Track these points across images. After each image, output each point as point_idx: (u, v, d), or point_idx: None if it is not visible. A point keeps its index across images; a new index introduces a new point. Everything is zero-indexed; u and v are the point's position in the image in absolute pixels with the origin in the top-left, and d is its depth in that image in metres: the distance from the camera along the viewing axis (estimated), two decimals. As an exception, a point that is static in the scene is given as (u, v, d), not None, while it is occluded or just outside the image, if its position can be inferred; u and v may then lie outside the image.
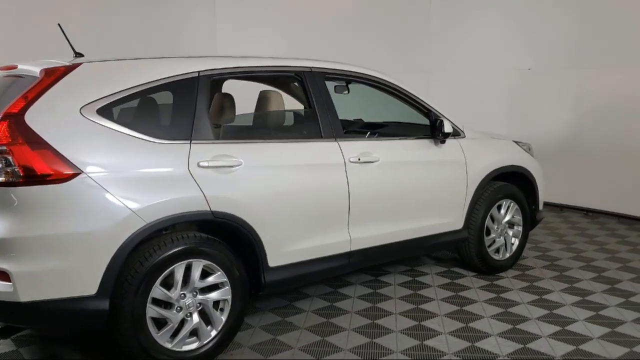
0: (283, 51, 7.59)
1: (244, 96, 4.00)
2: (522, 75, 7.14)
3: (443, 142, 4.09)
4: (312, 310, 3.88)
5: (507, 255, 4.66)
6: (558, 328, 3.58)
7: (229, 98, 3.97)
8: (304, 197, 3.40)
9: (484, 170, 4.37)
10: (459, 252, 4.61)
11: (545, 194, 7.09)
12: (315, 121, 3.57)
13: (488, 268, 4.54)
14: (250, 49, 7.41)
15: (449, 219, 4.21)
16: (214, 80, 3.31)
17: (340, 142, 3.60)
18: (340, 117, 5.29)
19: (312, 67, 3.65)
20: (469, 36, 7.45)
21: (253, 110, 3.84)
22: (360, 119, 5.11)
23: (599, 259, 4.99)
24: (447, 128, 3.97)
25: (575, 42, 6.64)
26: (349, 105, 5.13)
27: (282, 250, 3.34)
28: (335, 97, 4.14)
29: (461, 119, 7.58)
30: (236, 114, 3.74)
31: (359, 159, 3.62)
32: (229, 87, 3.89)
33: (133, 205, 2.80)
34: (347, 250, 3.63)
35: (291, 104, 4.20)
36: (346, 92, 4.42)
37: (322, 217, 3.49)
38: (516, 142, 4.80)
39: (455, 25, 7.51)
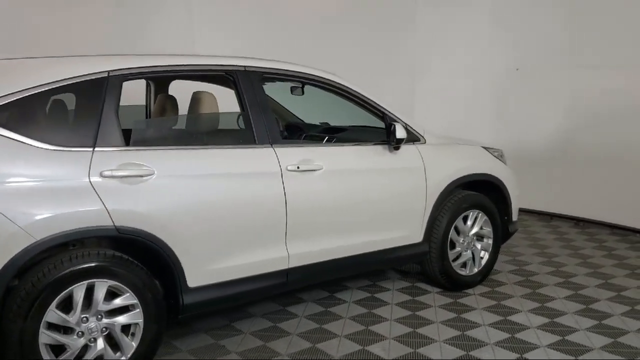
0: (262, 52, 7.29)
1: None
2: (510, 75, 6.77)
3: (397, 148, 3.75)
4: (306, 315, 3.75)
5: (475, 270, 4.31)
6: (515, 355, 3.23)
7: (170, 100, 3.69)
8: (232, 209, 3.10)
9: (447, 178, 4.02)
10: (421, 267, 4.26)
11: (533, 202, 6.80)
12: (249, 125, 3.26)
13: (453, 284, 4.20)
14: (228, 50, 7.13)
15: (405, 231, 3.87)
16: (138, 81, 3.02)
17: (277, 149, 3.28)
18: (307, 121, 5.07)
19: (247, 66, 3.34)
20: (455, 36, 7.09)
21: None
22: (327, 123, 4.80)
23: (579, 274, 4.62)
24: (400, 133, 3.63)
25: (566, 42, 6.26)
26: (316, 108, 4.84)
27: (204, 269, 3.03)
28: (307, 99, 3.86)
29: (447, 122, 7.28)
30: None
31: (298, 167, 3.30)
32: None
33: (21, 220, 2.52)
34: (285, 267, 3.32)
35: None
36: (301, 93, 4.13)
37: (253, 232, 3.18)
38: (486, 147, 4.44)
39: (441, 25, 7.16)
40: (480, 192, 4.33)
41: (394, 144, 3.69)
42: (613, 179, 6.00)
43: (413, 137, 3.92)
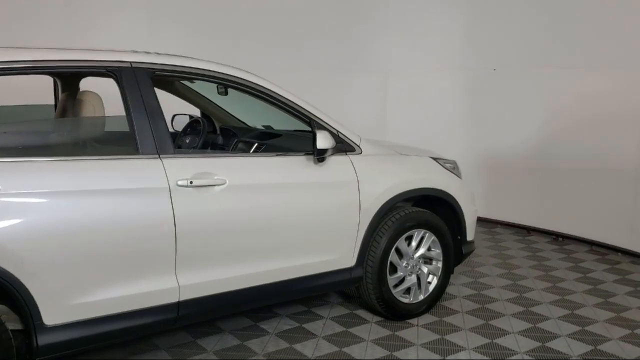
0: (223, 49, 6.80)
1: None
2: (487, 76, 6.23)
3: (321, 160, 3.24)
4: (277, 332, 3.49)
5: (421, 297, 3.79)
6: (442, 410, 2.72)
7: (75, 100, 3.20)
8: (105, 234, 2.60)
9: (385, 194, 3.51)
10: (359, 294, 3.75)
11: (510, 214, 6.24)
12: (132, 132, 2.76)
13: (393, 313, 3.69)
14: (189, 51, 6.64)
15: (333, 255, 3.37)
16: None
17: (165, 160, 2.78)
18: (252, 124, 4.57)
19: (134, 62, 2.84)
20: (429, 33, 6.55)
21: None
22: (270, 127, 4.29)
23: (543, 302, 4.09)
24: (322, 142, 3.12)
25: (548, 40, 5.71)
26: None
27: (66, 303, 2.54)
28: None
29: (419, 125, 6.74)
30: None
31: (191, 182, 2.80)
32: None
33: None
34: (174, 300, 2.82)
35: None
36: (225, 93, 3.64)
37: (133, 260, 2.69)
38: (436, 158, 3.92)
39: (414, 23, 6.62)
40: (429, 209, 3.82)
41: (316, 155, 3.17)
42: (596, 190, 5.46)
43: (346, 147, 3.41)
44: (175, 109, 4.41)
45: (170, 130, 4.55)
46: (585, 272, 4.80)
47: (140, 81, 2.81)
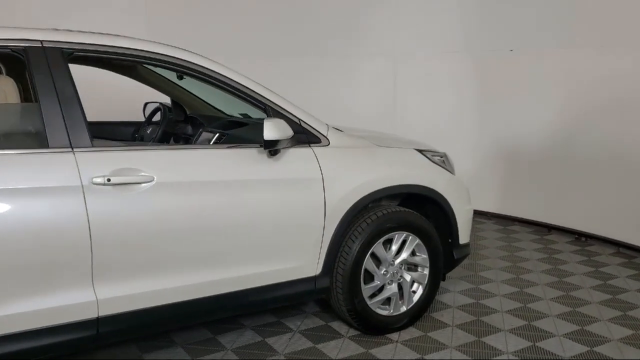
0: (230, 36, 6.40)
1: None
2: (503, 58, 5.65)
3: (273, 153, 2.80)
4: (234, 348, 3.10)
5: (403, 308, 3.32)
6: None
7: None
8: (6, 240, 2.24)
9: (357, 192, 3.05)
10: (330, 304, 3.31)
11: (529, 211, 5.65)
12: (40, 122, 2.38)
13: (369, 327, 3.24)
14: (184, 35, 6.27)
15: (293, 262, 2.93)
16: None
17: (79, 154, 2.39)
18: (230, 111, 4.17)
19: (45, 41, 2.45)
20: (440, 14, 6.00)
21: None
22: (247, 115, 3.88)
23: (549, 316, 3.56)
24: (271, 132, 2.68)
25: (572, 18, 5.10)
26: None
27: (-47, 320, 2.19)
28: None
29: (431, 112, 6.18)
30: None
31: (109, 180, 2.41)
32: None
33: None
34: (93, 316, 2.44)
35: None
36: (181, 78, 3.25)
37: (41, 269, 2.32)
38: (422, 150, 3.43)
39: (424, 2, 6.07)
40: (418, 208, 3.36)
41: (266, 147, 2.74)
42: (625, 185, 4.86)
43: (309, 138, 2.96)
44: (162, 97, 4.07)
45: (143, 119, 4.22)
46: (606, 279, 4.23)
47: (52, 63, 2.43)
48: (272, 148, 2.74)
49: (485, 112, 5.87)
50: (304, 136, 2.94)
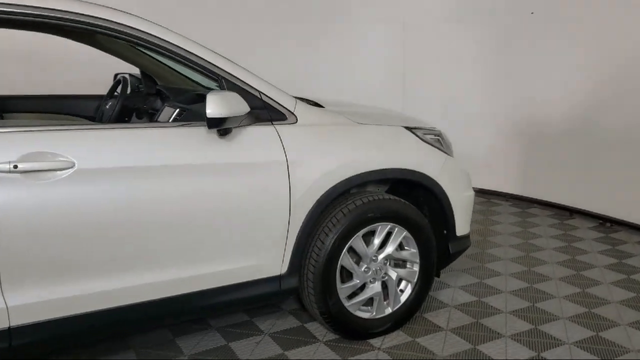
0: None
1: None
2: (523, 22, 5.08)
3: (223, 133, 2.37)
4: (192, 354, 2.73)
5: (388, 310, 2.90)
6: None
7: None
8: None
9: (329, 179, 2.62)
10: (302, 305, 2.90)
11: (550, 193, 5.08)
12: None
13: (347, 332, 2.83)
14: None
15: (250, 261, 2.53)
16: None
17: (-22, 135, 2.01)
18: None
19: (-58, 2, 2.06)
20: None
21: None
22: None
23: (561, 318, 3.10)
24: (214, 109, 2.25)
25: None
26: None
27: None
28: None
29: (444, 84, 5.63)
30: None
31: (16, 167, 2.02)
32: None
33: None
34: (4, 326, 2.08)
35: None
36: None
37: None
38: (412, 128, 2.96)
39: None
40: (412, 196, 2.92)
41: (210, 126, 2.31)
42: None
43: (272, 115, 2.53)
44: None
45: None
46: (630, 272, 3.73)
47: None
48: (218, 127, 2.31)
49: (503, 84, 5.33)
50: (265, 112, 2.50)
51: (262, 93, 2.52)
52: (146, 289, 2.30)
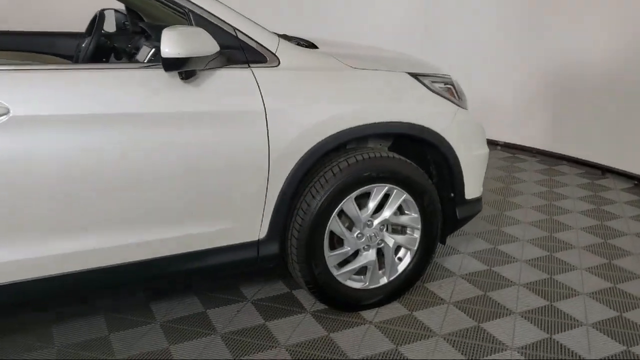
0: None
1: None
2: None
3: (186, 75, 2.02)
4: (164, 320, 2.37)
5: (384, 280, 2.60)
6: None
7: None
8: None
9: (317, 131, 2.28)
10: (288, 271, 2.61)
11: (581, 150, 4.62)
12: None
13: (335, 303, 2.55)
14: None
15: (221, 224, 2.23)
16: None
17: None
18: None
19: None
20: None
21: None
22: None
23: (579, 294, 2.76)
24: (170, 47, 1.91)
25: None
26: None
27: None
28: None
29: (471, 36, 5.08)
30: None
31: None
32: None
33: None
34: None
35: None
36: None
37: None
38: (417, 75, 2.56)
39: None
40: (417, 153, 2.58)
41: (166, 68, 1.97)
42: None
43: (248, 56, 2.17)
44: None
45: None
46: (664, 243, 3.33)
47: None
48: (177, 70, 1.97)
49: (534, 32, 4.81)
50: (240, 53, 2.15)
51: (238, 30, 2.16)
52: (100, 254, 2.02)
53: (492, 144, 5.15)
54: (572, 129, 4.77)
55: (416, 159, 2.68)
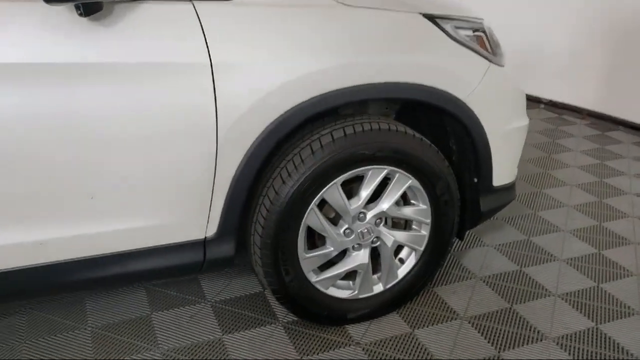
0: None
1: None
2: None
3: (89, 10, 1.38)
4: (98, 324, 1.82)
5: (379, 287, 2.02)
6: None
7: None
8: None
9: (290, 93, 1.64)
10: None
11: (635, 113, 3.83)
12: None
13: (311, 316, 1.97)
14: None
15: (152, 219, 1.64)
16: None
17: None
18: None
19: None
20: None
21: None
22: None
23: (632, 314, 2.12)
24: None
25: None
26: None
27: None
28: None
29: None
30: None
31: None
32: None
33: None
34: None
35: None
36: None
37: None
38: (436, 17, 1.86)
39: None
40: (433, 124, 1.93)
41: (52, 0, 1.34)
42: None
43: (189, -15, 1.52)
44: None
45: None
46: None
47: None
48: (64, 2, 1.34)
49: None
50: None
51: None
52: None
53: (534, 101, 4.42)
54: (630, 88, 3.98)
55: (432, 130, 2.04)
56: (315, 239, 1.92)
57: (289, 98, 1.63)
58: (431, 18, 1.84)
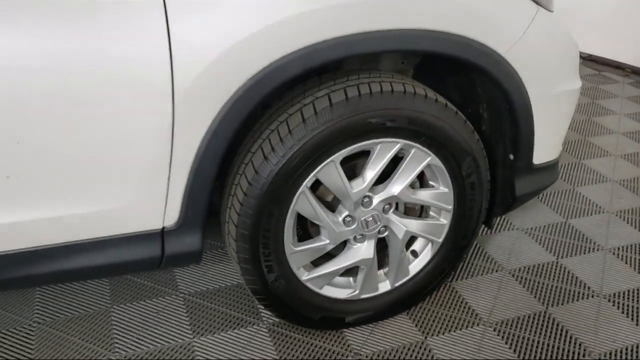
0: None
1: None
2: None
3: None
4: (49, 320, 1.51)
5: (385, 286, 1.65)
6: None
7: None
8: None
9: (270, 42, 1.22)
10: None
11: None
12: None
13: (302, 320, 1.60)
14: None
15: (95, 205, 1.26)
16: None
17: None
18: None
19: None
20: None
21: None
22: None
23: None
24: None
25: None
26: None
27: None
28: None
29: None
30: None
31: None
32: None
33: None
34: None
35: None
36: None
37: None
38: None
39: None
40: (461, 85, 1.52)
41: None
42: None
43: None
44: None
45: None
46: None
47: None
48: None
49: None
50: None
51: None
52: None
53: (572, 56, 3.92)
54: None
55: (458, 91, 1.62)
56: (308, 228, 1.54)
57: (271, 48, 1.22)
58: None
